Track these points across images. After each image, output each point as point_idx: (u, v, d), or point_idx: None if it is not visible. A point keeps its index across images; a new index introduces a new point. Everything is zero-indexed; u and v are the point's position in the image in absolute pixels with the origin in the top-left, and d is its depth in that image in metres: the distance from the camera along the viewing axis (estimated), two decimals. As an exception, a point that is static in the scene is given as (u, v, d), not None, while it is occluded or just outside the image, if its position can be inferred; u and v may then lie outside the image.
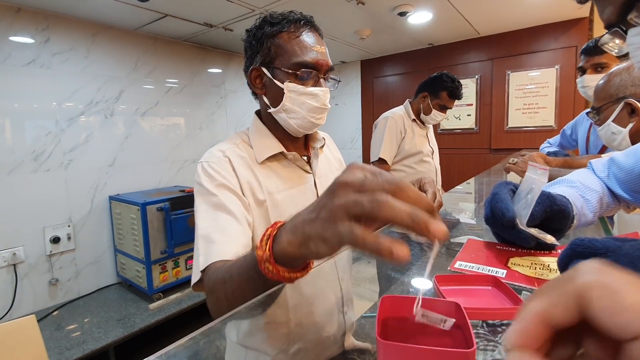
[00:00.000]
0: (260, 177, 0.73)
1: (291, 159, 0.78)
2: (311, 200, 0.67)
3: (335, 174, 0.83)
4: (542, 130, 2.82)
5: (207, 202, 0.67)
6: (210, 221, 0.65)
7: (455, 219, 1.12)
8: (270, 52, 0.72)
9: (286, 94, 0.72)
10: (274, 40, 0.72)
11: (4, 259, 1.92)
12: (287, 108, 0.73)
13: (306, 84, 0.72)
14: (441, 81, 1.87)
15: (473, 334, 0.31)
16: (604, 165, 0.73)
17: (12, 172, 1.94)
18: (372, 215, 0.27)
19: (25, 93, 1.99)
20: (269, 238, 0.38)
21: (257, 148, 0.76)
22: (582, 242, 0.36)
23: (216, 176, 0.69)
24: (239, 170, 0.71)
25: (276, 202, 0.72)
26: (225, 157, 0.73)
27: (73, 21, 2.16)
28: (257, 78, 0.76)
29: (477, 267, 0.52)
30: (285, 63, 0.71)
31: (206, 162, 0.72)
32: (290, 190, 0.76)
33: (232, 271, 0.50)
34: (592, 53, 1.46)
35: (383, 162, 1.89)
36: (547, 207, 0.57)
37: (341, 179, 0.30)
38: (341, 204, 0.29)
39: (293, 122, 0.74)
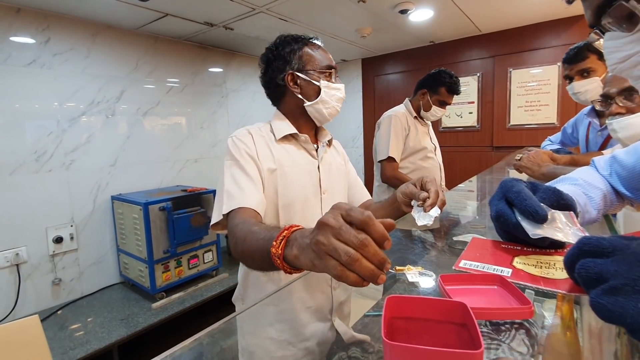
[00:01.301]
0: (275, 151, 0.90)
1: (302, 141, 0.95)
2: (314, 180, 0.95)
3: (340, 170, 1.06)
4: (544, 127, 2.81)
5: (232, 165, 0.85)
6: (233, 181, 0.82)
7: (458, 217, 1.12)
8: (302, 60, 0.93)
9: (323, 89, 0.92)
10: (302, 51, 0.93)
11: (7, 260, 1.92)
12: (323, 100, 0.93)
13: (332, 81, 0.94)
14: (439, 77, 1.90)
15: (480, 334, 0.31)
16: (606, 163, 0.73)
17: (14, 172, 1.95)
18: (345, 264, 0.38)
19: (26, 93, 1.99)
20: (284, 239, 0.49)
21: (276, 129, 0.94)
22: (590, 241, 0.35)
23: (240, 145, 0.87)
24: (258, 143, 0.89)
25: (285, 173, 0.88)
26: (248, 133, 0.91)
27: (73, 21, 2.16)
28: (292, 81, 0.94)
29: (482, 266, 0.52)
30: (317, 67, 0.93)
31: (234, 136, 0.90)
32: (298, 167, 0.92)
33: (251, 237, 0.62)
34: (574, 61, 1.48)
35: (392, 160, 1.91)
36: (553, 202, 0.56)
37: (324, 219, 0.41)
38: (325, 244, 0.39)
39: (326, 111, 0.94)
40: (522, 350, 0.39)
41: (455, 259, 0.56)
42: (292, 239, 0.48)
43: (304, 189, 0.90)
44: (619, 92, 1.05)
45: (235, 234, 0.69)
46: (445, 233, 0.92)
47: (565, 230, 0.51)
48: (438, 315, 0.37)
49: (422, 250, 0.80)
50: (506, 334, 0.40)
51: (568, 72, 1.52)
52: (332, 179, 0.98)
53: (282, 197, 0.87)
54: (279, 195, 0.87)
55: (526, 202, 0.53)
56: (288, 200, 0.88)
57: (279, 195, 0.87)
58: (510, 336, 0.40)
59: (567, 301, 0.44)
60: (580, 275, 0.34)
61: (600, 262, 0.33)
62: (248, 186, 0.81)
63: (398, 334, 0.36)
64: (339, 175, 1.03)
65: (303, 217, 0.89)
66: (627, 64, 0.44)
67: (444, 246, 0.81)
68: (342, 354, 0.48)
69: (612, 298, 0.30)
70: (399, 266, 0.63)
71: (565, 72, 1.54)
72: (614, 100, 1.06)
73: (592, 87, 1.43)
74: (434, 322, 0.37)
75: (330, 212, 0.43)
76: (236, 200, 0.78)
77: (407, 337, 0.35)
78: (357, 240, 0.38)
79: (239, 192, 0.80)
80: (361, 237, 0.39)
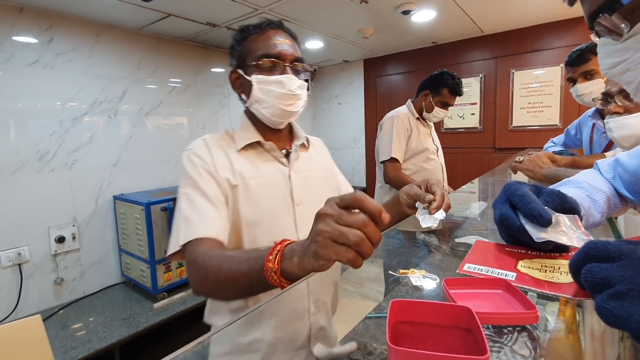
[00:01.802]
0: (235, 163, 0.79)
1: (267, 149, 0.84)
2: (284, 191, 0.82)
3: (319, 176, 0.92)
4: (547, 129, 2.80)
5: (188, 185, 0.75)
6: (190, 204, 0.72)
7: (460, 219, 1.11)
8: (242, 54, 0.82)
9: (254, 85, 0.79)
10: (244, 43, 0.82)
11: (9, 259, 1.93)
12: (257, 98, 0.80)
13: (272, 74, 0.79)
14: (442, 78, 1.90)
15: (486, 340, 0.31)
16: (610, 166, 0.73)
17: (17, 172, 1.95)
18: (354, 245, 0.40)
19: (29, 93, 1.99)
20: (279, 253, 0.48)
21: (238, 138, 0.83)
22: (595, 245, 0.35)
23: (196, 161, 0.77)
24: (216, 155, 0.78)
25: (248, 187, 0.77)
26: (205, 144, 0.80)
27: (76, 21, 2.16)
28: (236, 80, 0.85)
29: (486, 269, 0.52)
30: (252, 58, 0.79)
31: (189, 150, 0.80)
32: (264, 178, 0.80)
33: (230, 262, 0.56)
34: (576, 63, 1.49)
35: (395, 161, 1.90)
36: (557, 205, 0.56)
37: (321, 211, 0.42)
38: (329, 231, 0.40)
39: (265, 111, 0.81)
40: (525, 353, 0.38)
41: (459, 262, 0.56)
42: (288, 251, 0.48)
43: (272, 203, 0.79)
44: (619, 91, 1.04)
45: (203, 264, 0.61)
46: (448, 235, 0.92)
47: (570, 234, 0.51)
48: (443, 319, 0.37)
49: (425, 253, 0.80)
50: (509, 337, 0.40)
51: (571, 74, 1.52)
52: (308, 187, 0.86)
53: (246, 215, 0.76)
54: (242, 213, 0.75)
55: (530, 206, 0.52)
56: (253, 218, 0.76)
57: (242, 214, 0.75)
58: (512, 339, 0.40)
59: (570, 304, 0.44)
60: (586, 280, 0.34)
61: (606, 267, 0.33)
62: (208, 211, 0.71)
63: (402, 339, 0.36)
64: (317, 182, 0.90)
65: (272, 236, 0.76)
66: (617, 70, 0.46)
67: (446, 249, 0.81)
68: (344, 354, 0.48)
69: (617, 303, 0.29)
70: (402, 269, 0.62)
71: (569, 75, 1.54)
72: (614, 99, 1.06)
73: (596, 88, 1.43)
74: (438, 327, 0.37)
75: (325, 204, 0.43)
76: (195, 228, 0.68)
77: (412, 342, 0.35)
78: (360, 220, 0.40)
79: (198, 219, 0.70)
80: (361, 217, 0.40)
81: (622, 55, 0.44)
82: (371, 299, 0.82)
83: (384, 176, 1.94)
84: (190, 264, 0.65)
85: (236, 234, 0.76)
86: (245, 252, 0.57)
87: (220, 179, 0.75)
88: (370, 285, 0.91)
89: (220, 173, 0.76)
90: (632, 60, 0.43)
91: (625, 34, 0.41)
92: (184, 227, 0.69)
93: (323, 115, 4.19)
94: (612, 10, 0.40)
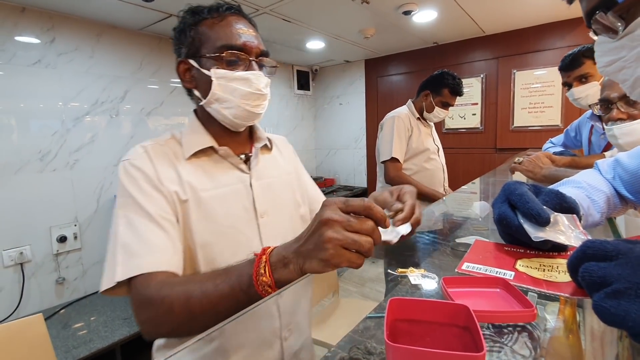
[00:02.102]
0: (184, 174, 0.67)
1: (222, 155, 0.72)
2: (245, 202, 0.71)
3: (285, 180, 0.82)
4: (548, 129, 2.79)
5: (126, 206, 0.62)
6: (130, 228, 0.60)
7: (461, 219, 1.11)
8: (195, 42, 0.69)
9: (214, 81, 0.67)
10: (197, 29, 0.69)
11: (11, 258, 1.93)
12: (218, 97, 0.69)
13: (235, 69, 0.68)
14: (442, 79, 1.91)
15: (483, 337, 0.31)
16: (610, 166, 0.73)
17: (19, 172, 1.96)
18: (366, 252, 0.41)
19: (31, 93, 2.00)
20: (266, 264, 0.45)
21: (186, 144, 0.71)
22: (593, 244, 0.35)
23: (136, 174, 0.64)
24: (159, 165, 0.66)
25: (200, 200, 0.66)
26: (145, 152, 0.67)
27: (78, 21, 2.17)
28: (186, 72, 0.73)
29: (484, 268, 0.52)
30: (210, 49, 0.67)
31: (127, 160, 0.66)
32: (220, 189, 0.69)
33: (203, 288, 0.50)
34: (570, 68, 1.49)
35: (395, 161, 1.90)
36: (556, 205, 0.56)
37: (326, 217, 0.41)
38: (340, 239, 0.40)
39: (227, 112, 0.70)
40: (525, 353, 0.39)
41: (458, 262, 0.56)
42: (278, 259, 0.45)
43: (232, 217, 0.68)
44: (620, 97, 1.01)
45: (163, 300, 0.51)
46: (448, 235, 0.92)
47: (568, 233, 0.51)
48: (441, 317, 0.37)
49: (425, 252, 0.80)
50: (509, 337, 0.40)
51: (566, 79, 1.53)
52: (272, 195, 0.76)
53: (200, 234, 0.64)
54: (195, 233, 0.64)
55: (528, 205, 0.53)
56: (209, 237, 0.65)
57: (195, 233, 0.64)
58: (512, 339, 0.40)
59: (569, 304, 0.44)
60: (583, 279, 0.34)
61: (603, 266, 0.33)
62: (155, 236, 0.59)
63: (400, 336, 0.36)
64: (283, 189, 0.80)
65: (234, 255, 0.65)
66: (613, 68, 0.46)
67: (446, 248, 0.81)
68: (344, 355, 0.48)
69: (615, 302, 0.30)
70: (401, 268, 0.63)
71: (564, 80, 1.55)
72: (615, 105, 1.04)
73: (592, 91, 1.43)
74: (436, 325, 0.37)
75: (326, 209, 0.42)
76: (138, 260, 0.56)
77: (410, 340, 0.35)
78: (369, 227, 0.41)
79: (143, 248, 0.58)
80: (370, 224, 0.41)
81: (617, 53, 0.44)
82: (371, 299, 0.82)
83: (385, 176, 1.95)
84: (141, 304, 0.54)
85: (189, 257, 0.65)
86: (217, 273, 0.52)
87: (167, 194, 0.64)
88: (371, 285, 0.91)
89: (167, 186, 0.64)
90: (627, 58, 0.43)
91: (620, 32, 0.42)
92: (124, 258, 0.57)
93: (324, 115, 4.20)
94: (608, 8, 0.41)
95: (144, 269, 0.56)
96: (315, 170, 4.32)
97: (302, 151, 4.12)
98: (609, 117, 1.05)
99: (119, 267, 0.56)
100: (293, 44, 3.03)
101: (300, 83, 3.96)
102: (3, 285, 1.93)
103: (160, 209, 0.62)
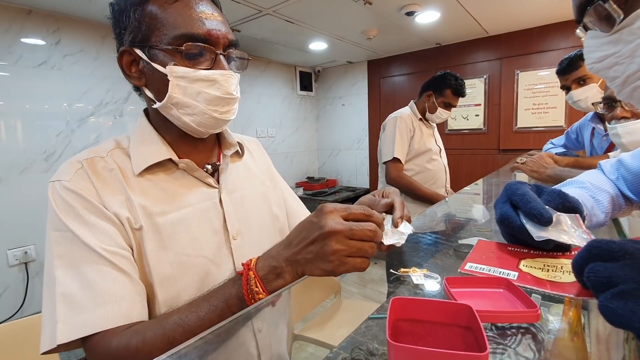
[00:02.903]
0: (135, 194, 0.53)
1: (184, 169, 0.58)
2: (215, 222, 0.58)
3: (260, 191, 0.69)
4: (552, 130, 2.78)
5: (63, 241, 0.48)
6: (71, 272, 0.46)
7: (463, 220, 1.11)
8: (142, 27, 0.52)
9: (172, 81, 0.52)
10: (144, 9, 0.52)
11: (16, 258, 1.95)
12: (177, 101, 0.53)
13: (199, 65, 0.53)
14: (445, 79, 1.91)
15: (486, 337, 0.31)
16: (613, 166, 0.72)
17: (24, 172, 1.97)
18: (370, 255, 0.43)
19: (37, 94, 2.02)
20: (256, 279, 0.44)
21: (136, 156, 0.56)
22: (599, 244, 0.35)
23: (73, 202, 0.49)
24: (102, 188, 0.51)
25: (157, 226, 0.53)
26: (83, 169, 0.52)
27: (83, 23, 2.19)
28: (132, 64, 0.56)
29: (487, 269, 0.52)
30: (163, 39, 0.52)
31: (58, 182, 0.50)
32: (183, 210, 0.56)
33: (186, 325, 0.43)
34: (568, 71, 1.51)
35: (397, 161, 1.90)
36: (559, 205, 0.56)
37: (329, 228, 0.41)
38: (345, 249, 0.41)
39: (189, 119, 0.55)
40: (528, 355, 0.38)
41: (461, 262, 0.56)
42: (268, 271, 0.44)
43: (198, 244, 0.55)
44: None
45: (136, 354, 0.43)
46: (450, 236, 0.92)
47: (571, 233, 0.51)
48: (443, 317, 0.37)
49: (427, 252, 0.80)
50: (512, 339, 0.40)
51: (564, 82, 1.54)
52: (245, 211, 0.63)
53: (159, 268, 0.51)
54: (153, 266, 0.51)
55: (530, 205, 0.52)
56: (171, 271, 0.52)
57: (153, 267, 0.51)
58: (516, 341, 0.40)
59: (574, 306, 0.44)
60: (589, 279, 0.34)
61: (610, 266, 0.32)
62: (105, 280, 0.46)
63: (403, 336, 0.36)
64: (258, 202, 0.67)
65: (199, 290, 0.54)
66: (604, 64, 0.44)
67: (448, 249, 0.80)
68: (346, 356, 0.48)
69: (621, 302, 0.29)
70: (403, 268, 0.62)
71: (562, 83, 1.55)
72: (619, 104, 1.03)
73: (591, 93, 1.43)
74: (439, 325, 0.37)
75: (327, 217, 0.42)
76: (86, 315, 0.44)
77: (412, 339, 0.35)
78: (371, 232, 0.42)
79: (90, 298, 0.45)
80: (372, 227, 0.42)
81: (611, 48, 0.42)
82: (374, 300, 0.82)
83: (386, 177, 1.94)
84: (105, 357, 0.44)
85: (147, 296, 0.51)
86: (195, 304, 0.46)
87: (117, 221, 0.50)
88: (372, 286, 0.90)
89: (115, 211, 0.50)
90: (621, 53, 0.41)
91: (617, 24, 0.40)
92: (66, 313, 0.44)
93: (327, 116, 4.20)
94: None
95: (95, 327, 0.44)
96: (318, 171, 4.32)
97: (305, 152, 4.12)
98: (613, 115, 1.04)
99: (61, 324, 0.44)
100: (296, 45, 3.04)
101: (302, 84, 3.97)
102: (8, 284, 1.94)
103: (111, 243, 0.48)
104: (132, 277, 0.49)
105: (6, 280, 1.93)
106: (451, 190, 2.12)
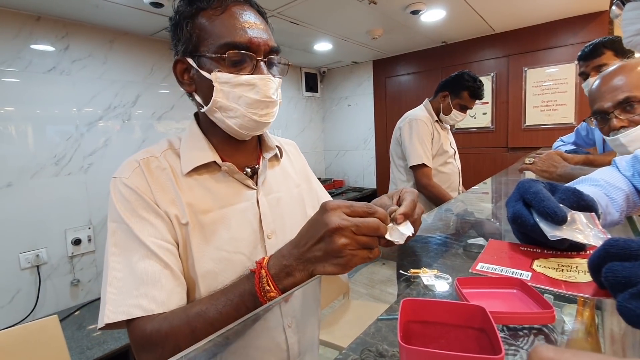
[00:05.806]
0: (183, 192, 0.59)
1: (226, 171, 0.63)
2: (252, 222, 0.64)
3: (296, 194, 0.74)
4: (562, 127, 2.74)
5: (119, 232, 0.54)
6: (123, 262, 0.53)
7: (474, 220, 1.10)
8: (192, 38, 0.59)
9: (216, 86, 0.58)
10: (194, 22, 0.58)
11: (28, 261, 1.98)
12: (220, 105, 0.59)
13: (241, 71, 0.58)
14: (462, 80, 1.83)
15: (501, 339, 0.30)
16: (628, 163, 0.70)
17: (35, 176, 2.01)
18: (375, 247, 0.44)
19: (47, 99, 2.05)
20: (268, 278, 0.45)
21: (185, 157, 0.62)
22: (617, 243, 0.34)
23: (130, 196, 0.56)
24: (156, 183, 0.58)
25: (202, 223, 0.58)
26: (139, 167, 0.59)
27: (91, 28, 2.22)
28: (184, 72, 0.63)
29: (500, 269, 0.51)
30: (210, 48, 0.57)
31: (119, 178, 0.58)
32: (224, 209, 0.61)
33: (207, 317, 0.47)
34: (589, 57, 1.48)
35: (425, 167, 1.83)
36: (573, 203, 0.54)
37: (333, 225, 0.42)
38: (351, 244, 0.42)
39: (232, 122, 0.60)
40: (543, 356, 0.37)
41: (471, 262, 0.55)
42: (279, 269, 0.45)
43: (237, 241, 0.61)
44: (615, 105, 0.95)
45: (165, 340, 0.48)
46: (460, 236, 0.91)
47: (586, 232, 0.49)
48: (455, 319, 0.36)
49: (437, 253, 0.79)
50: (524, 340, 0.39)
51: (584, 68, 1.50)
52: (281, 212, 0.68)
53: (202, 263, 0.57)
54: (197, 261, 0.57)
55: (544, 203, 0.51)
56: (212, 266, 0.58)
57: (197, 262, 0.57)
58: (528, 342, 0.39)
59: (588, 306, 0.43)
60: (607, 279, 0.33)
61: (628, 266, 0.31)
62: (154, 273, 0.52)
63: (414, 338, 0.35)
64: (293, 205, 0.72)
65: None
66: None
67: (458, 249, 0.79)
68: (355, 357, 0.48)
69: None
70: (413, 269, 0.62)
71: (581, 69, 1.52)
72: (613, 115, 0.96)
73: None
74: (451, 327, 0.36)
75: (331, 214, 0.43)
76: (130, 301, 0.50)
77: (424, 342, 0.35)
78: (376, 225, 0.43)
79: (135, 286, 0.51)
80: (376, 221, 0.43)
81: None
82: (383, 301, 0.81)
83: (416, 183, 1.86)
84: (143, 348, 0.50)
85: (188, 289, 0.57)
86: (214, 297, 0.49)
87: (166, 218, 0.56)
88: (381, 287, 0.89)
89: (165, 209, 0.56)
90: None
91: None
92: (114, 297, 0.51)
93: (333, 116, 4.19)
94: None
95: (136, 313, 0.50)
96: (325, 172, 4.31)
97: (311, 153, 4.12)
98: (610, 127, 0.98)
99: (109, 306, 0.51)
100: (301, 46, 3.04)
101: (308, 85, 3.97)
102: (20, 287, 1.97)
103: (159, 237, 0.55)
104: (174, 270, 0.55)
105: (18, 283, 1.96)
106: (463, 189, 2.09)
